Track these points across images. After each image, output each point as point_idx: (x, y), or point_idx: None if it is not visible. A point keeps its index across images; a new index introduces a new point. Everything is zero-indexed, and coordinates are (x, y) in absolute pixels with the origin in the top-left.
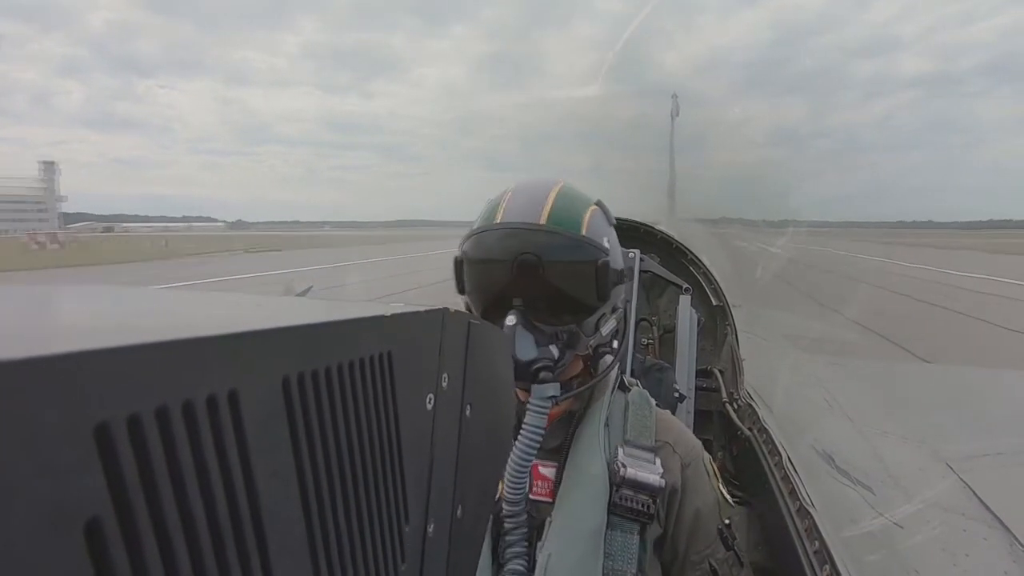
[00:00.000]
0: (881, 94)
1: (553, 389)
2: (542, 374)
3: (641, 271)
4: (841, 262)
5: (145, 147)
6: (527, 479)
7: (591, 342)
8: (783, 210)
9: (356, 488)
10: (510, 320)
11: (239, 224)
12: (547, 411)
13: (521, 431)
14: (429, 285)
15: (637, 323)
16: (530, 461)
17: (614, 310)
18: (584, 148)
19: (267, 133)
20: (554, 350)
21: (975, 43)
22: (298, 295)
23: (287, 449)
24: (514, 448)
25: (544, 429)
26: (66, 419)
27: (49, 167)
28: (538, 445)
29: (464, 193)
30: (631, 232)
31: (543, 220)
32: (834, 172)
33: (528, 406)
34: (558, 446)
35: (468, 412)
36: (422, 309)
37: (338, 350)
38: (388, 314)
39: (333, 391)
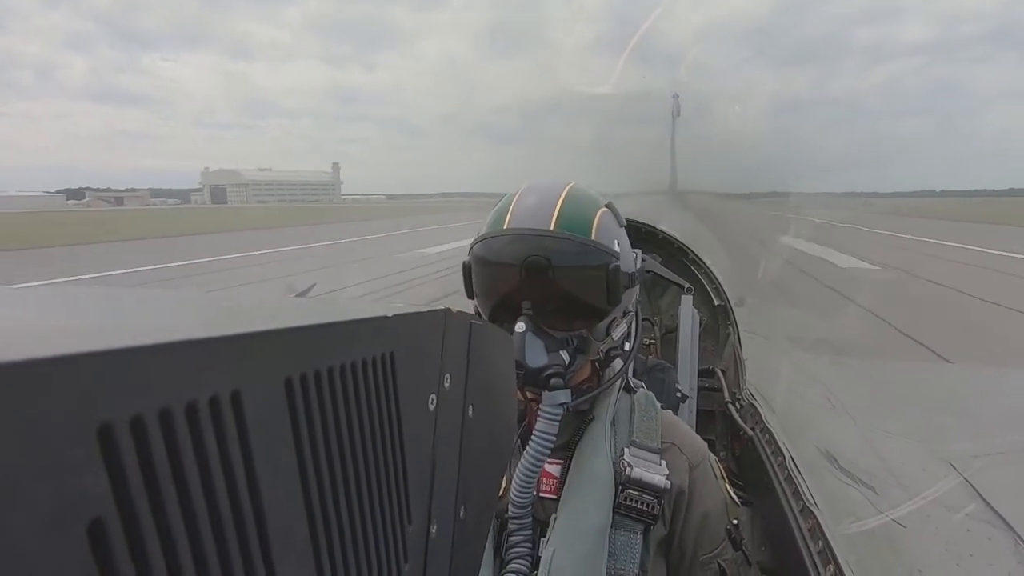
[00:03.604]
0: (883, 61)
1: (564, 396)
2: (553, 380)
3: (643, 271)
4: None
5: (148, 120)
6: (535, 483)
7: (602, 347)
8: (768, 183)
9: (359, 489)
10: (519, 327)
11: (393, 196)
12: (558, 418)
13: (532, 437)
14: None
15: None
16: (540, 466)
17: (625, 314)
18: (587, 121)
19: (270, 106)
20: (564, 356)
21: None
22: (299, 295)
23: (290, 450)
24: (524, 453)
25: (555, 435)
26: (69, 420)
27: (336, 166)
28: (549, 451)
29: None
30: (633, 232)
31: (552, 225)
32: (828, 145)
33: (539, 413)
34: (564, 444)
35: (470, 412)
36: (424, 310)
37: (340, 351)
38: (390, 315)
39: (335, 392)
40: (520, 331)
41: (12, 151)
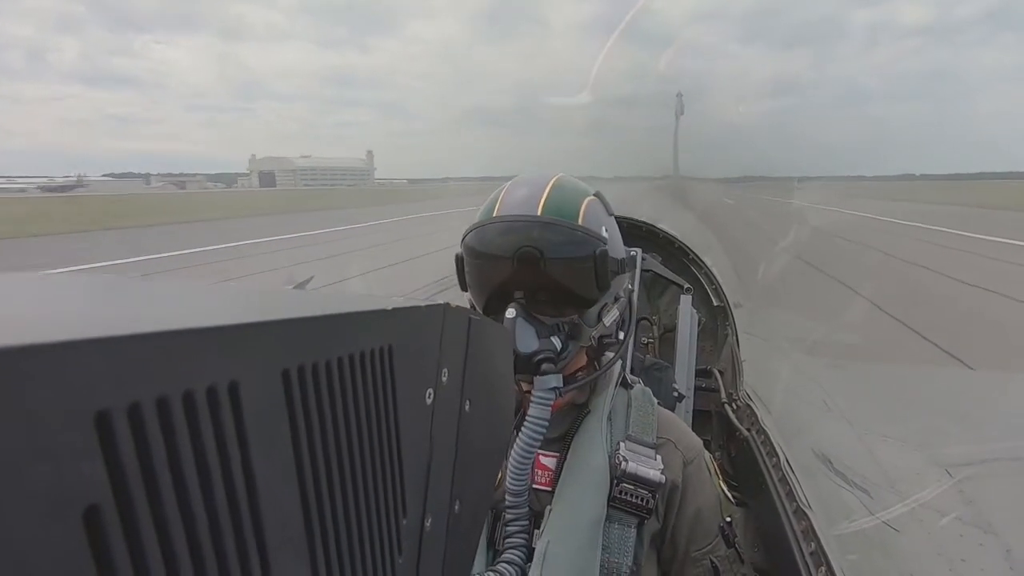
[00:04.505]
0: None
1: (556, 380)
2: (544, 366)
3: (642, 270)
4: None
5: (139, 103)
6: (530, 470)
7: (594, 333)
8: (759, 169)
9: (354, 481)
10: (510, 313)
11: (414, 181)
12: (550, 403)
13: (525, 423)
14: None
15: (638, 322)
16: (533, 453)
17: (616, 300)
18: (593, 109)
19: (262, 88)
20: (556, 342)
21: None
22: (297, 286)
23: (286, 441)
24: (518, 439)
25: (547, 421)
26: (67, 406)
27: (370, 154)
28: (542, 437)
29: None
30: (633, 231)
31: (540, 211)
32: (820, 132)
33: (531, 398)
34: (560, 436)
35: (467, 407)
36: (423, 304)
37: (338, 343)
38: (389, 308)
39: (333, 384)
40: (511, 317)
41: (6, 136)
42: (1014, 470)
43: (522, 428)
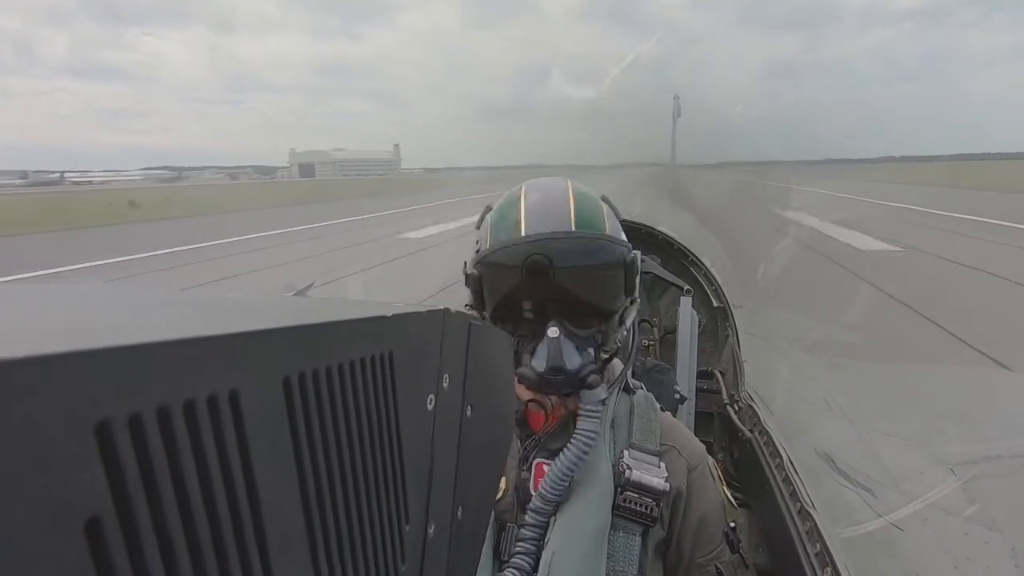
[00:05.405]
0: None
1: (604, 392)
2: (591, 378)
3: (642, 272)
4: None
5: (130, 96)
6: (570, 480)
7: (618, 336)
8: (750, 155)
9: (356, 488)
10: (552, 332)
11: (430, 170)
12: (599, 415)
13: (575, 436)
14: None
15: (638, 324)
16: (583, 462)
17: (633, 301)
18: (595, 100)
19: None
20: (592, 353)
21: None
22: (297, 293)
23: (288, 449)
24: (566, 450)
25: (597, 433)
26: (67, 418)
27: (396, 147)
28: (591, 448)
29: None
30: (633, 233)
31: (573, 226)
32: (811, 118)
33: (581, 411)
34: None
35: (469, 413)
36: (423, 309)
37: (339, 350)
38: (389, 314)
39: (334, 391)
40: (554, 336)
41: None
42: (1018, 468)
43: (572, 441)
